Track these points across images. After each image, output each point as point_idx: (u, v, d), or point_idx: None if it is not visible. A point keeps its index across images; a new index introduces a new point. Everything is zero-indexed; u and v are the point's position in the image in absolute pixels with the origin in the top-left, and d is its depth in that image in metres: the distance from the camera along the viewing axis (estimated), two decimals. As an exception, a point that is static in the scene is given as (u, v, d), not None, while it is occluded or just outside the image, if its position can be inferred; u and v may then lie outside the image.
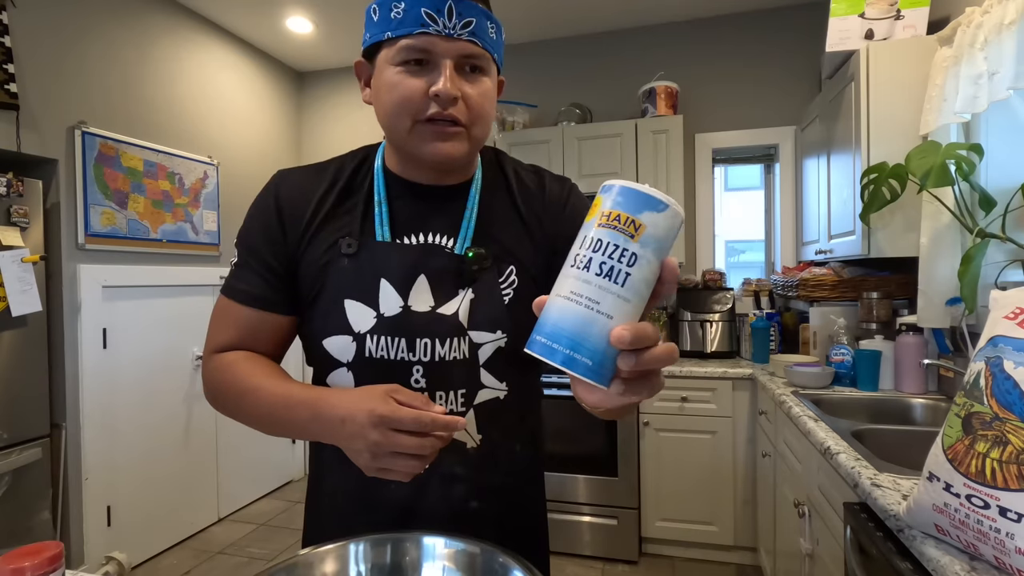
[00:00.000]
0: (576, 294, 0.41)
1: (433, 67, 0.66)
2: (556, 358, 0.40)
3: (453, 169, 0.75)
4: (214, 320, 0.76)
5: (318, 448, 0.79)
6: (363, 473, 0.72)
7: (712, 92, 3.12)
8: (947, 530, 0.79)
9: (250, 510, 3.15)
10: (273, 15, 3.08)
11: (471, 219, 0.75)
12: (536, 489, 0.86)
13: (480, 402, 0.74)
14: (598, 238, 0.41)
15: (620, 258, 0.40)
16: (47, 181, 2.28)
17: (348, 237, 0.72)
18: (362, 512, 0.75)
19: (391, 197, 0.75)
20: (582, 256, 0.41)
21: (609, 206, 0.42)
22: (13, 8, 2.12)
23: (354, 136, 3.74)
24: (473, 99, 0.67)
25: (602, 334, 0.40)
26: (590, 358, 0.40)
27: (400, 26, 0.64)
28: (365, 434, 0.56)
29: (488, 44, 0.67)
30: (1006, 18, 1.45)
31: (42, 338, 2.23)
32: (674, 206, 0.41)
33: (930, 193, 1.66)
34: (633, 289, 0.40)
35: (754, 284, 3.00)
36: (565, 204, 0.80)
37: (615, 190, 0.42)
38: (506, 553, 0.62)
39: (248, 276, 0.74)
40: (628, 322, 0.40)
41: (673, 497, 2.52)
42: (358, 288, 0.71)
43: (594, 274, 0.40)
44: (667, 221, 0.41)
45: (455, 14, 0.64)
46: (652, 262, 0.41)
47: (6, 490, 2.07)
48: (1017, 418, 0.71)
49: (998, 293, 0.83)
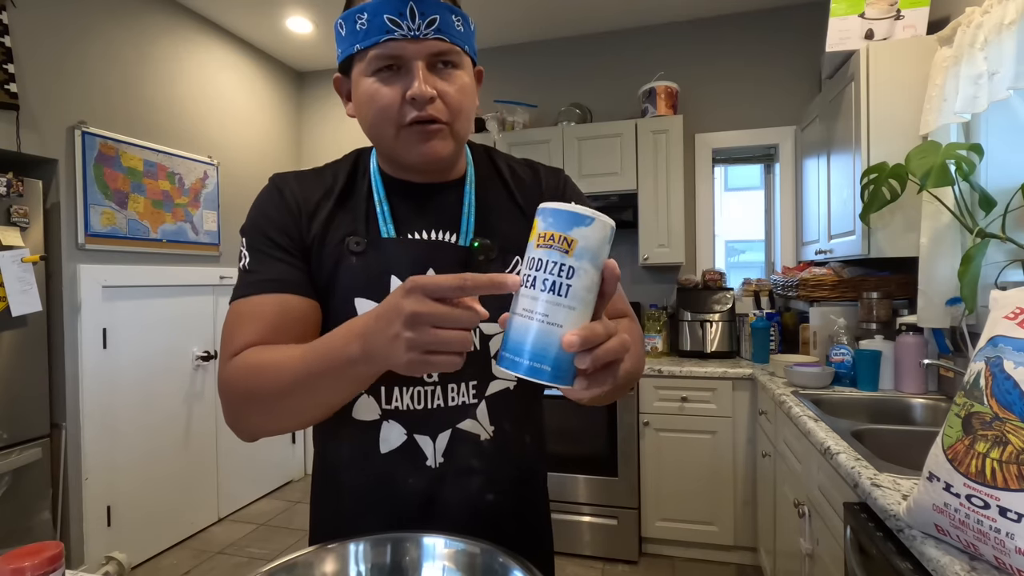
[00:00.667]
0: (528, 311, 0.46)
1: (406, 71, 0.66)
2: (520, 370, 0.46)
3: (443, 167, 0.75)
4: (228, 330, 0.68)
5: (327, 447, 0.79)
6: (379, 470, 0.73)
7: (712, 92, 3.12)
8: (947, 530, 0.79)
9: (250, 510, 3.15)
10: (273, 15, 3.08)
11: (470, 213, 0.76)
12: (542, 484, 0.87)
13: (491, 393, 0.75)
14: (538, 258, 0.46)
15: (560, 273, 0.46)
16: (47, 181, 2.28)
17: (355, 235, 0.72)
18: (379, 509, 0.74)
19: (389, 195, 0.76)
20: (528, 276, 0.47)
21: (543, 227, 0.47)
22: (13, 8, 2.12)
23: (354, 136, 3.74)
24: (450, 95, 0.67)
25: (555, 342, 0.45)
26: (550, 365, 0.46)
27: (367, 36, 0.65)
28: (401, 307, 0.48)
29: (456, 38, 0.67)
30: (1006, 18, 1.45)
31: (42, 338, 2.23)
32: (600, 218, 0.46)
33: (930, 193, 1.66)
34: (577, 298, 0.46)
35: (754, 284, 3.00)
36: (563, 193, 0.82)
37: (547, 212, 0.47)
38: (506, 553, 0.62)
39: (266, 264, 0.69)
40: (577, 327, 0.46)
41: (673, 497, 2.52)
42: (368, 286, 0.71)
43: (539, 290, 0.46)
44: (596, 233, 0.46)
45: (418, 15, 0.64)
46: (589, 271, 0.46)
47: (6, 490, 2.07)
48: (1017, 418, 0.71)
49: (998, 293, 0.83)
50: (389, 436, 0.73)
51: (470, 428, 0.74)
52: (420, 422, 0.73)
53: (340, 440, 0.76)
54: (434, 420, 0.73)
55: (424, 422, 0.73)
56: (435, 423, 0.73)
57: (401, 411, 0.73)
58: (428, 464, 0.73)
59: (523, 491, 0.81)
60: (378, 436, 0.73)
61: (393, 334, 0.49)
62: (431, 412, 0.73)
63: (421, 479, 0.73)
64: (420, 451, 0.73)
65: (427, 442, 0.73)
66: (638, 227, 2.89)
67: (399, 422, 0.73)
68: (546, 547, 0.85)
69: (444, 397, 0.73)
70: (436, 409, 0.73)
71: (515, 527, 0.78)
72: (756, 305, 2.92)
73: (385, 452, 0.73)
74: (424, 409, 0.73)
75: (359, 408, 0.73)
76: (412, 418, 0.73)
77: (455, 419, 0.74)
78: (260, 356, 0.63)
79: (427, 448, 0.73)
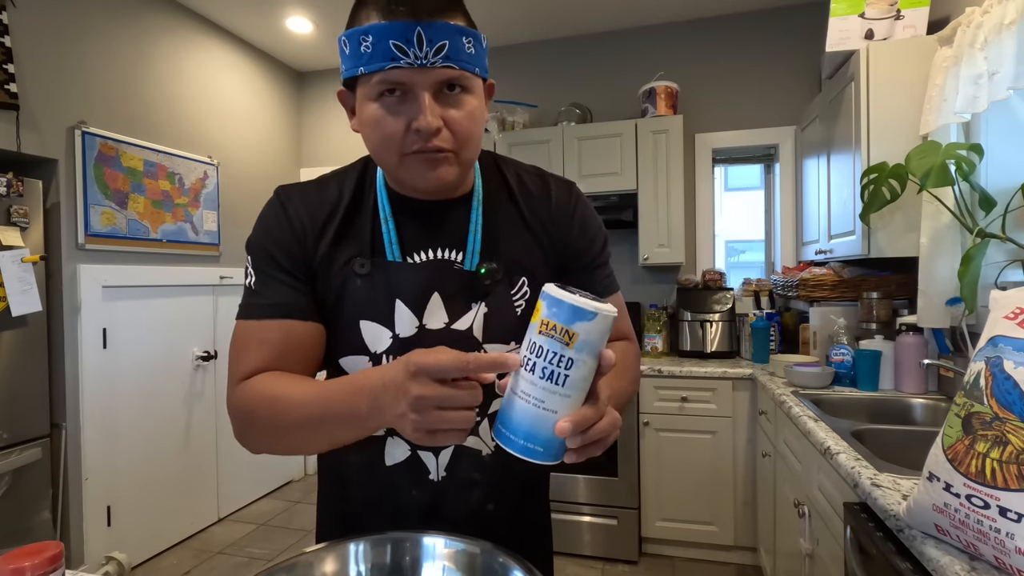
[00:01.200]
0: (526, 394, 0.49)
1: (412, 98, 0.63)
2: (515, 448, 0.50)
3: (449, 188, 0.73)
4: (235, 350, 0.69)
5: (333, 454, 0.78)
6: (383, 480, 0.74)
7: (712, 92, 3.12)
8: (947, 530, 0.79)
9: (250, 510, 3.15)
10: (273, 15, 3.08)
11: (477, 232, 0.74)
12: (544, 492, 0.88)
13: (494, 411, 0.76)
14: (540, 345, 0.49)
15: (559, 363, 0.48)
16: (47, 181, 2.28)
17: (360, 257, 0.71)
18: (383, 513, 0.77)
19: (395, 213, 0.74)
20: (528, 359, 0.49)
21: (546, 314, 0.49)
22: (13, 8, 2.12)
23: (354, 136, 3.73)
24: (457, 123, 0.64)
25: (549, 427, 0.49)
26: (542, 447, 0.49)
27: (371, 61, 0.61)
28: (406, 389, 0.50)
29: (466, 63, 0.63)
30: (1006, 18, 1.45)
31: (42, 338, 2.23)
32: (603, 312, 0.48)
33: (930, 193, 1.66)
34: (573, 386, 0.49)
35: (754, 284, 3.00)
36: (572, 215, 0.79)
37: (552, 300, 0.49)
38: (506, 553, 0.62)
39: (271, 288, 0.69)
40: (570, 414, 0.49)
41: (673, 497, 2.52)
42: (373, 309, 0.71)
43: (538, 377, 0.49)
44: (598, 327, 0.48)
45: (425, 41, 0.60)
46: (587, 362, 0.49)
47: (6, 490, 2.07)
48: (1017, 418, 0.71)
49: (998, 293, 0.83)
50: (394, 451, 0.75)
51: (472, 444, 0.76)
52: None
53: (347, 450, 0.75)
54: None
55: None
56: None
57: None
58: (431, 478, 0.75)
59: (524, 501, 0.83)
60: (383, 450, 0.75)
61: (399, 412, 0.52)
62: None
63: (424, 492, 0.75)
64: (423, 466, 0.75)
65: (430, 458, 0.75)
66: (638, 227, 2.89)
67: (403, 439, 0.74)
68: (546, 547, 0.86)
69: None
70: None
71: (515, 530, 0.79)
72: (756, 305, 2.92)
73: (390, 465, 0.75)
74: None
75: None
76: None
77: None
78: (269, 389, 0.64)
79: (430, 463, 0.75)
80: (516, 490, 0.80)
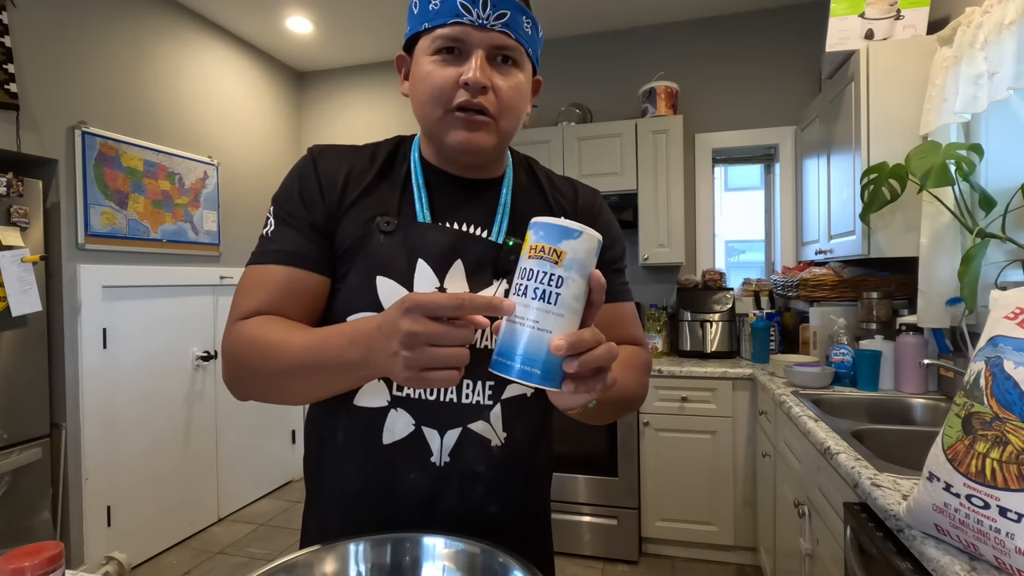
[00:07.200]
0: (520, 318, 0.50)
1: (466, 57, 0.67)
2: (511, 372, 0.49)
3: (481, 162, 0.75)
4: (240, 290, 0.70)
5: (323, 440, 0.76)
6: (379, 462, 0.72)
7: (712, 92, 3.12)
8: (947, 530, 0.79)
9: (250, 510, 3.15)
10: (273, 15, 3.08)
11: (505, 212, 0.76)
12: (546, 494, 0.87)
13: (507, 397, 0.74)
14: (530, 268, 0.50)
15: (550, 282, 0.49)
16: (47, 181, 2.28)
17: (386, 215, 0.72)
18: (374, 509, 0.72)
19: (428, 183, 0.76)
20: (520, 285, 0.51)
21: (535, 240, 0.51)
22: (13, 8, 2.12)
23: (354, 136, 3.74)
24: (503, 91, 0.68)
25: (545, 347, 0.49)
26: (539, 368, 0.49)
27: (436, 17, 0.66)
28: (399, 326, 0.51)
29: (522, 37, 0.68)
30: (1006, 18, 1.45)
31: (42, 338, 2.23)
32: (587, 232, 0.50)
33: (930, 193, 1.66)
34: (565, 305, 0.50)
35: (754, 284, 3.00)
36: (597, 216, 0.83)
37: (538, 226, 0.51)
38: (506, 553, 0.62)
39: (287, 235, 0.71)
40: (565, 333, 0.49)
41: (673, 497, 2.52)
42: (393, 266, 0.70)
43: (530, 298, 0.49)
44: (584, 245, 0.50)
45: (489, 5, 0.65)
46: (577, 280, 0.50)
47: (6, 490, 2.07)
48: (1017, 418, 0.71)
49: (998, 293, 0.83)
50: (395, 426, 0.71)
51: (481, 431, 0.72)
52: (430, 414, 0.71)
53: (337, 430, 0.74)
54: (444, 414, 0.71)
55: (434, 414, 0.71)
56: (445, 418, 0.71)
57: (412, 399, 0.71)
58: (433, 461, 0.71)
59: (526, 503, 0.80)
60: (383, 425, 0.71)
61: (392, 351, 0.52)
62: (442, 405, 0.71)
63: (424, 477, 0.71)
64: (426, 445, 0.71)
65: (434, 436, 0.71)
66: (638, 227, 2.89)
67: (408, 411, 0.71)
68: (546, 548, 0.85)
69: (457, 392, 0.71)
70: (448, 403, 0.71)
71: (515, 530, 0.77)
72: (756, 305, 2.92)
73: (388, 443, 0.71)
74: (436, 401, 0.71)
75: (365, 394, 0.71)
76: (422, 408, 0.71)
77: (467, 418, 0.72)
78: (264, 332, 0.65)
79: (434, 443, 0.71)
80: (519, 491, 0.78)
